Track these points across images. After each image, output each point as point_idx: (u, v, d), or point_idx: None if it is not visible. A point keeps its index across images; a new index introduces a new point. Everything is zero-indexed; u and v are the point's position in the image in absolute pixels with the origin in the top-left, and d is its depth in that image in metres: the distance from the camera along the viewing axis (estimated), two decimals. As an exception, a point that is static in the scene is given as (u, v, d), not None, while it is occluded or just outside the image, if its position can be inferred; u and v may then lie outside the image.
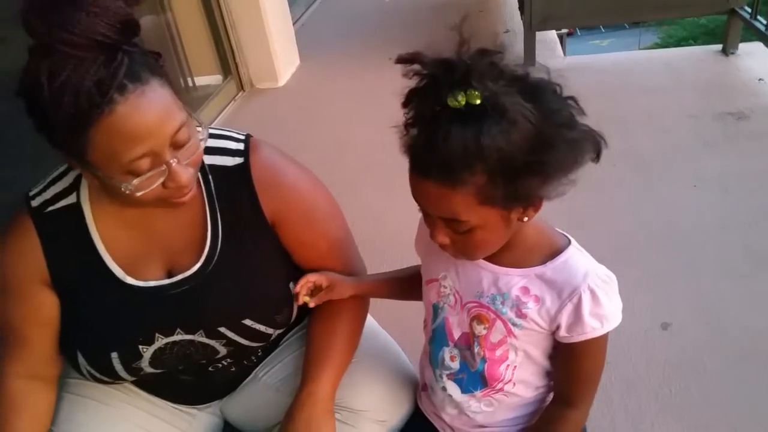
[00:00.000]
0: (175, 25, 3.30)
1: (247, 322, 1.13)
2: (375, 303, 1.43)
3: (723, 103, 2.82)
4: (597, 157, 0.84)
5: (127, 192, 0.92)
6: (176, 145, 0.93)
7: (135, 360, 1.10)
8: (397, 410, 1.21)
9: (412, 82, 0.80)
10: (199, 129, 0.98)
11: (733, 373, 1.58)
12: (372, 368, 1.23)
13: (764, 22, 2.98)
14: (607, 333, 0.90)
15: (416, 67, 0.79)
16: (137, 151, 0.88)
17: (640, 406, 1.52)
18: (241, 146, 1.13)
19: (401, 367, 1.28)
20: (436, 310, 1.05)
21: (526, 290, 0.92)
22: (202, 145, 0.99)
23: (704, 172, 2.37)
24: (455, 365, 1.03)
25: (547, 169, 0.78)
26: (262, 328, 1.15)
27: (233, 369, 1.26)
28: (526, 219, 0.86)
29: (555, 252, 0.92)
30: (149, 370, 1.13)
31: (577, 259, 0.91)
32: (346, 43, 4.32)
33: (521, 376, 1.00)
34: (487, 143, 0.74)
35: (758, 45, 3.19)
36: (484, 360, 0.99)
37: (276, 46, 3.60)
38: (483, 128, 0.74)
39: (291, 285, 1.17)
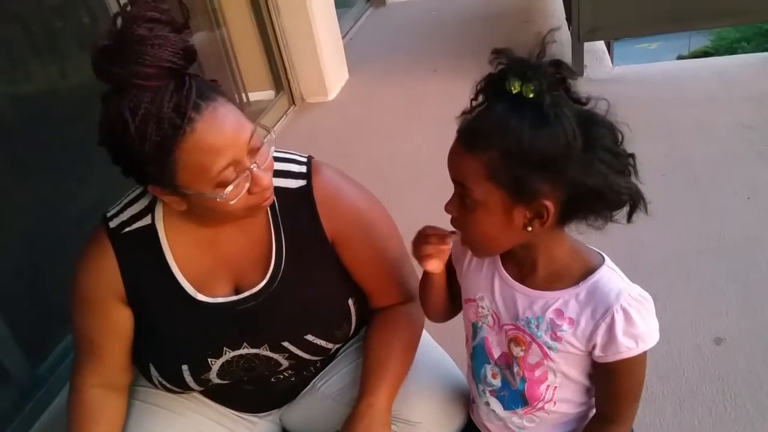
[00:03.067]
0: (230, 42, 3.42)
1: (309, 337, 1.18)
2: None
3: (778, 112, 2.77)
4: (629, 217, 0.87)
5: (221, 201, 0.98)
6: (252, 152, 1.00)
7: (204, 372, 1.17)
8: (451, 423, 1.24)
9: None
10: (268, 134, 1.06)
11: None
12: (427, 381, 1.27)
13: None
14: (645, 352, 0.91)
15: (502, 59, 0.85)
16: (221, 162, 0.95)
17: (694, 421, 1.52)
18: (303, 169, 1.19)
19: (455, 380, 1.30)
20: (475, 328, 1.07)
21: (560, 313, 0.93)
22: (272, 150, 1.06)
23: (759, 183, 2.33)
24: (497, 382, 1.05)
25: (561, 180, 0.82)
26: (322, 342, 1.20)
27: (293, 379, 1.31)
28: (530, 229, 0.87)
29: (588, 272, 0.93)
30: (217, 381, 1.19)
31: (609, 278, 0.92)
32: (393, 56, 4.38)
33: (562, 396, 1.01)
34: (514, 126, 0.80)
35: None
36: (523, 380, 1.01)
37: (326, 61, 3.70)
38: (518, 115, 0.81)
39: (350, 302, 1.22)
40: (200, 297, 1.14)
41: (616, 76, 3.40)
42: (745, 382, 1.59)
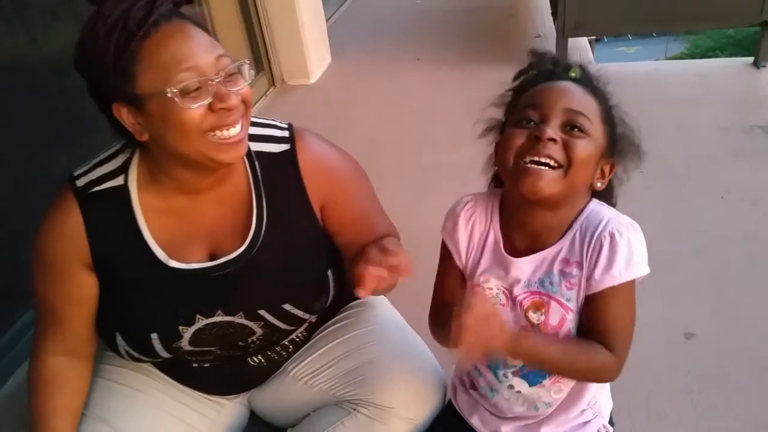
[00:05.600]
0: (210, 19, 3.34)
1: (287, 306, 1.15)
2: (400, 302, 1.45)
3: (753, 116, 2.80)
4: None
5: (182, 110, 0.94)
6: (218, 70, 0.97)
7: (175, 340, 1.13)
8: (424, 408, 1.24)
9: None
10: (246, 63, 1.03)
11: (754, 383, 1.58)
12: (401, 366, 1.26)
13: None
14: (632, 282, 0.93)
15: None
16: (182, 64, 0.93)
17: (662, 414, 1.53)
18: (285, 133, 1.17)
19: (429, 366, 1.30)
20: None
21: (566, 261, 0.96)
22: (248, 75, 1.03)
23: (733, 184, 2.36)
24: (518, 361, 1.04)
25: (623, 154, 0.99)
26: (299, 313, 1.18)
27: (264, 363, 1.29)
28: (599, 185, 0.97)
29: (579, 212, 0.98)
30: (188, 348, 1.16)
31: (597, 211, 0.97)
32: (377, 42, 4.34)
33: None
34: (605, 95, 0.99)
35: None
36: None
37: (309, 43, 3.63)
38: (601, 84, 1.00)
39: (329, 273, 1.20)
40: (173, 263, 1.10)
41: (598, 74, 3.41)
42: (712, 376, 1.61)
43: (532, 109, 0.93)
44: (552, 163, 0.90)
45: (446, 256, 1.11)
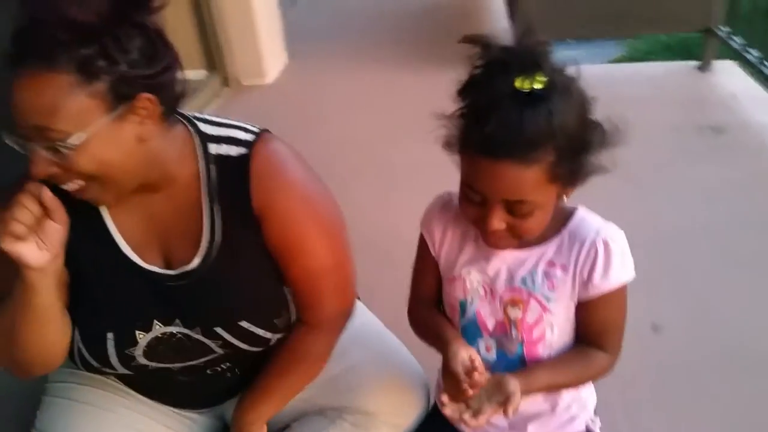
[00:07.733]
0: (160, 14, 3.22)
1: (244, 324, 1.08)
2: (376, 306, 1.43)
3: (703, 116, 2.92)
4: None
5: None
6: (39, 139, 0.87)
7: (130, 345, 1.06)
8: (410, 412, 1.22)
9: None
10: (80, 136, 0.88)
11: (722, 372, 1.64)
12: (384, 371, 1.24)
13: (740, 41, 3.10)
14: (624, 286, 0.97)
15: (478, 51, 0.83)
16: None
17: (637, 407, 1.56)
18: (250, 137, 1.05)
19: (411, 369, 1.28)
20: (464, 306, 1.05)
21: (551, 263, 0.97)
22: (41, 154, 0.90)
23: (687, 182, 2.46)
24: (491, 356, 1.05)
25: (593, 147, 0.87)
26: (260, 332, 1.10)
27: (230, 375, 1.21)
28: (565, 199, 0.93)
29: (567, 217, 0.98)
30: (142, 361, 1.08)
31: (586, 218, 0.98)
32: (334, 40, 4.29)
33: (558, 351, 1.03)
34: (558, 123, 0.81)
35: (730, 63, 3.34)
36: (522, 344, 1.02)
37: (264, 40, 3.55)
38: (552, 109, 0.81)
39: (285, 290, 1.11)
40: (136, 259, 1.04)
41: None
42: (684, 368, 1.65)
43: (473, 191, 0.89)
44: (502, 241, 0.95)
45: (424, 248, 1.10)
